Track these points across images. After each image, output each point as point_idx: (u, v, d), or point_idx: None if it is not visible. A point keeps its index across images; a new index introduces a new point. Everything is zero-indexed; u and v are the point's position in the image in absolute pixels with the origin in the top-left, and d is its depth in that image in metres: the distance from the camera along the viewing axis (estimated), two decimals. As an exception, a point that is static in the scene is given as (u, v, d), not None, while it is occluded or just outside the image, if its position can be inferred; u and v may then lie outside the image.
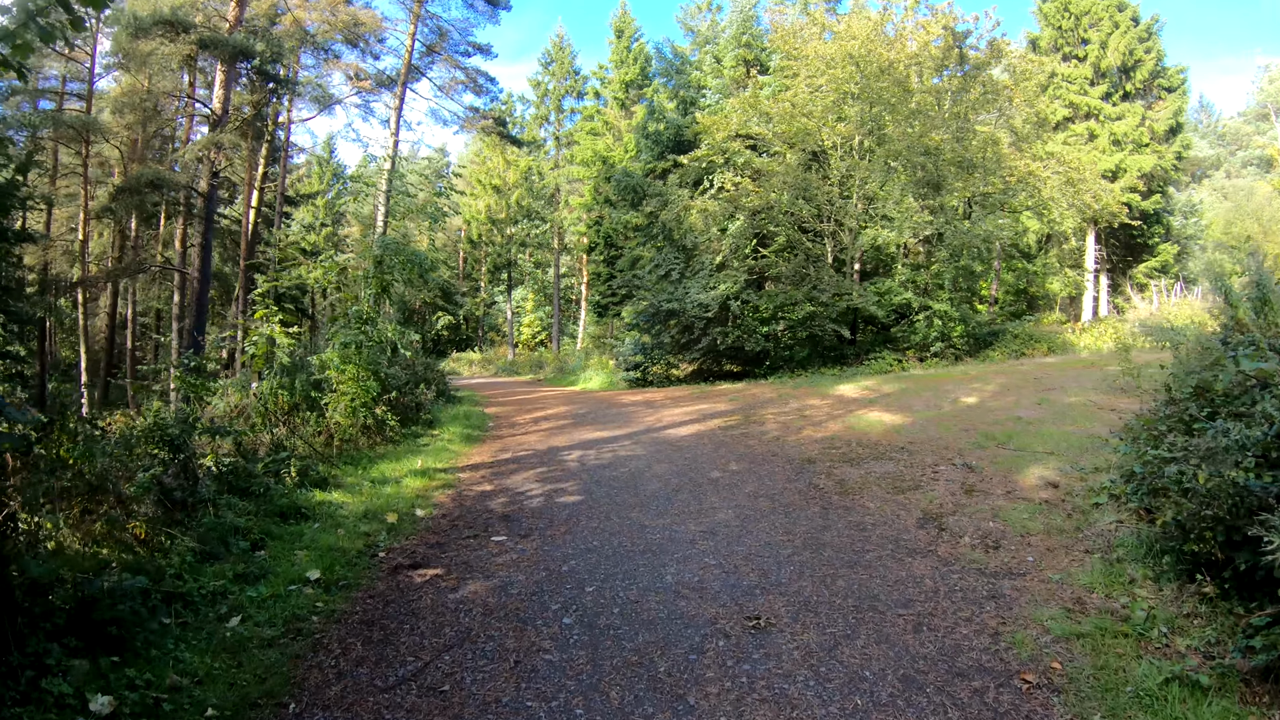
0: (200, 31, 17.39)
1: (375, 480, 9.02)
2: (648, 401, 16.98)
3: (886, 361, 20.06)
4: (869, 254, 23.04)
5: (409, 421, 13.50)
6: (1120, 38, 30.27)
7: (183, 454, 7.41)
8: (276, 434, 10.37)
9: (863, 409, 12.80)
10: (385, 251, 12.05)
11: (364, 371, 11.62)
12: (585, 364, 30.08)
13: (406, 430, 12.72)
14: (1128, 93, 31.03)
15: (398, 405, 13.40)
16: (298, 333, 12.01)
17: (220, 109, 19.55)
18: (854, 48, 21.20)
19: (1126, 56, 30.40)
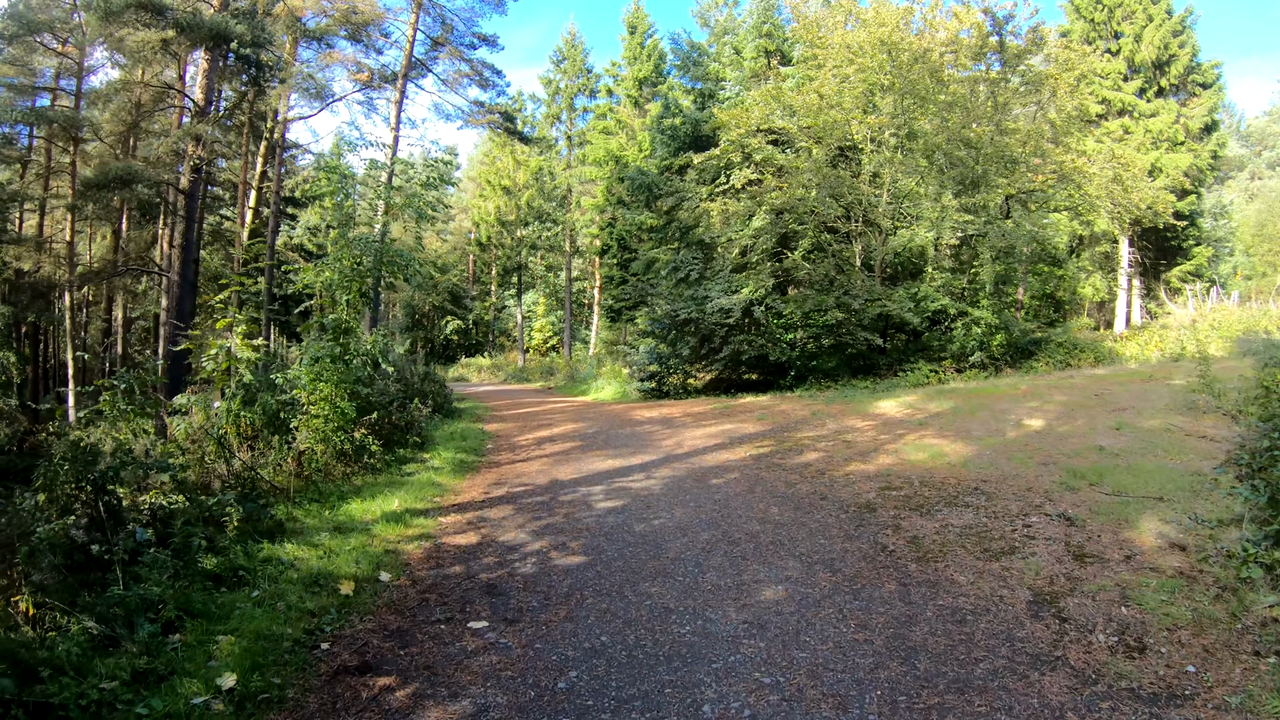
0: (176, 14, 15.89)
1: (340, 526, 7.44)
2: (665, 419, 15.31)
3: (922, 372, 18.41)
4: (899, 257, 21.37)
5: (396, 444, 11.95)
6: (1155, 31, 28.73)
7: (105, 497, 5.94)
8: (235, 465, 8.79)
9: (912, 433, 11.16)
10: (363, 251, 10.46)
11: (339, 391, 10.05)
12: (597, 372, 28.52)
13: (392, 455, 11.16)
14: (1162, 89, 29.50)
15: (382, 426, 11.86)
16: (264, 345, 10.43)
17: (204, 99, 18.09)
18: (885, 34, 19.57)
19: (1161, 51, 28.83)
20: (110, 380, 8.10)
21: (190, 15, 15.96)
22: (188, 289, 18.47)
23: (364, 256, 10.53)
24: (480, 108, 25.87)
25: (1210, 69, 29.74)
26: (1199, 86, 29.75)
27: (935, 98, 19.72)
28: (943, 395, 14.50)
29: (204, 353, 10.22)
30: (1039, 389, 14.18)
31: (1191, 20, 29.35)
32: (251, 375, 10.13)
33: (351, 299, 10.69)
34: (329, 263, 10.92)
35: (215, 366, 9.99)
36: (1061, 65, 20.63)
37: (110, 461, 6.24)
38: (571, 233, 46.36)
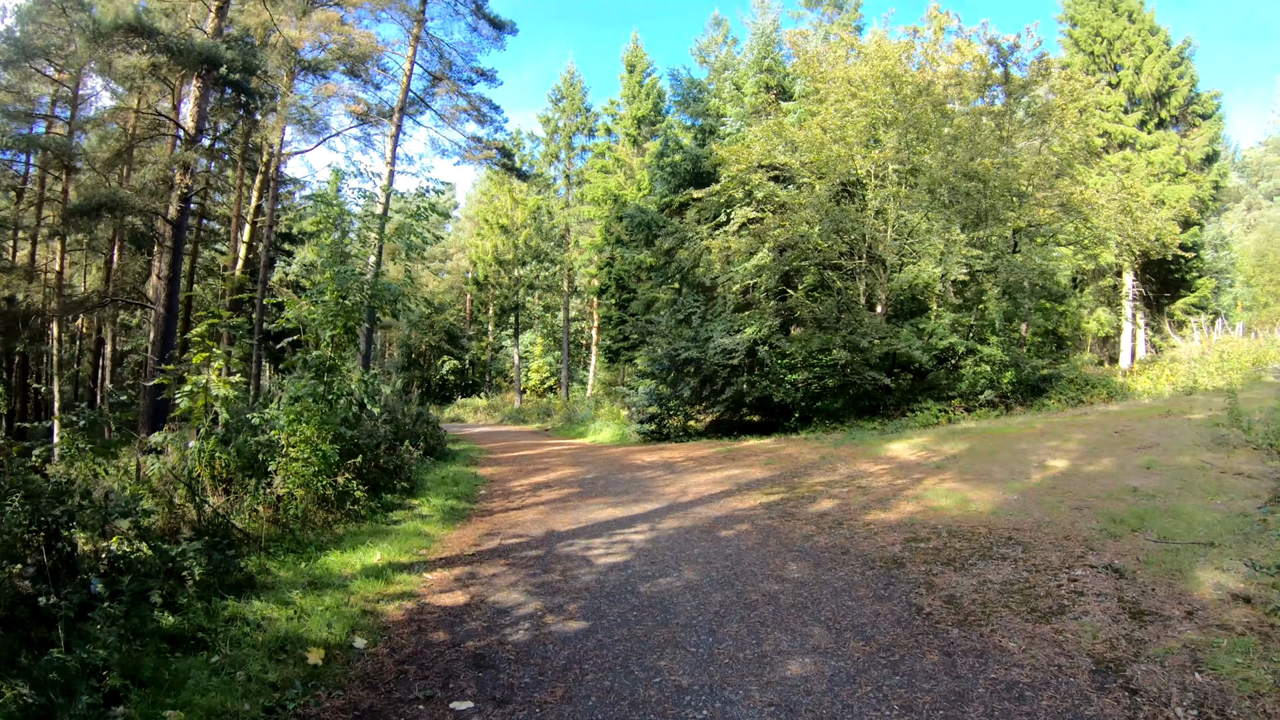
0: (167, 39, 15.47)
1: (316, 581, 6.79)
2: (667, 463, 14.63)
3: (931, 412, 17.81)
4: (904, 294, 20.86)
5: (384, 489, 11.29)
6: (1154, 62, 28.70)
7: (58, 543, 5.36)
8: (206, 510, 8.14)
9: (931, 478, 10.52)
10: (348, 285, 9.88)
11: (321, 433, 9.42)
12: (595, 413, 27.84)
13: (378, 501, 10.49)
14: (1162, 120, 29.41)
15: (368, 470, 11.20)
16: (242, 382, 9.81)
17: (194, 128, 17.64)
18: (889, 66, 19.26)
19: (1161, 82, 28.78)
20: (69, 416, 7.47)
21: (180, 40, 15.54)
22: (173, 322, 17.91)
23: (350, 291, 9.94)
24: (477, 143, 25.48)
25: (1209, 99, 29.66)
26: (1199, 117, 29.67)
27: (939, 131, 19.36)
28: (956, 436, 13.88)
29: (179, 389, 9.60)
30: (1055, 427, 13.60)
31: (1190, 51, 29.37)
32: (227, 414, 9.54)
33: (337, 335, 10.08)
34: (313, 296, 10.34)
35: (190, 404, 9.37)
36: (1067, 96, 20.29)
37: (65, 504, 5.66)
38: (569, 272, 45.96)
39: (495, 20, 25.00)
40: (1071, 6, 30.83)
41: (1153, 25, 29.39)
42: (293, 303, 10.29)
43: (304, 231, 46.08)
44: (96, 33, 15.32)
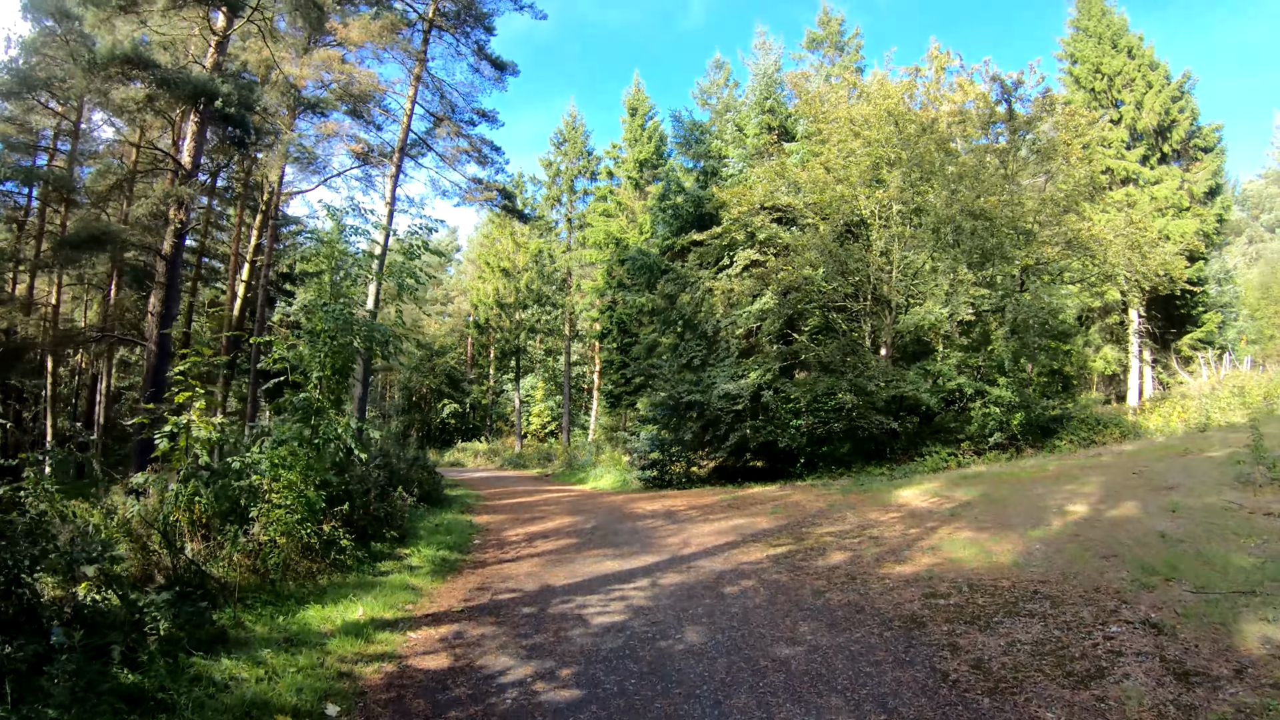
0: (162, 71, 15.28)
1: (292, 638, 6.34)
2: (669, 512, 14.09)
3: (940, 456, 17.31)
4: (910, 335, 20.46)
5: (373, 537, 10.80)
6: (1155, 97, 28.56)
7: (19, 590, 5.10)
8: (184, 557, 7.70)
9: (945, 526, 10.02)
10: (337, 323, 9.48)
11: (305, 478, 8.98)
12: (596, 459, 27.32)
13: (366, 551, 10.00)
14: (1165, 155, 29.21)
15: (357, 518, 10.73)
16: (225, 423, 9.37)
17: (190, 163, 17.41)
18: (892, 104, 19.08)
19: (1162, 117, 28.60)
20: (36, 454, 7.07)
21: (176, 73, 15.35)
22: (165, 359, 17.51)
23: (339, 330, 9.54)
24: (478, 185, 25.27)
25: (1211, 132, 29.49)
26: (1200, 150, 29.45)
27: (943, 170, 19.12)
28: (967, 481, 13.38)
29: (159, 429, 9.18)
30: (1070, 470, 13.16)
31: (1190, 85, 29.28)
32: (207, 456, 9.10)
33: (326, 377, 9.66)
34: (302, 335, 9.95)
35: (168, 445, 8.96)
36: (1071, 132, 20.05)
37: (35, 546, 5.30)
38: (571, 316, 45.64)
39: (497, 61, 24.95)
40: (1071, 44, 30.90)
41: (1152, 60, 29.36)
42: (281, 342, 9.87)
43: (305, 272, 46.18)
44: (92, 63, 15.16)
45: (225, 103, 15.45)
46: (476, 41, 24.77)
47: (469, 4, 24.17)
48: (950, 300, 18.49)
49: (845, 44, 28.90)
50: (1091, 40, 30.26)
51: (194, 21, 19.09)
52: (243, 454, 9.20)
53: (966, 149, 20.22)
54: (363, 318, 10.08)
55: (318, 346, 9.55)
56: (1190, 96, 29.29)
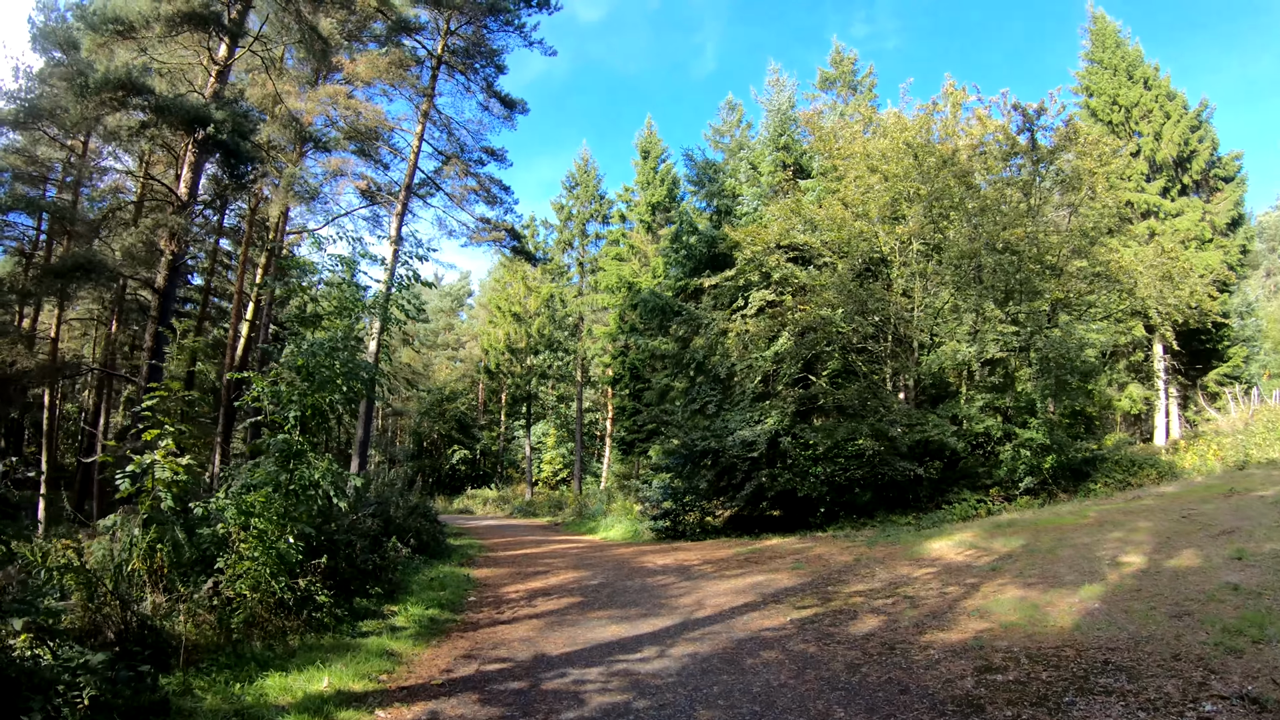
0: (156, 97, 14.75)
1: (243, 711, 5.53)
2: (681, 567, 13.02)
3: (969, 504, 16.29)
4: (934, 377, 19.50)
5: (357, 592, 9.87)
6: (1173, 128, 28.01)
7: None
8: (134, 611, 6.85)
9: (988, 583, 9.02)
10: (314, 358, 8.65)
11: (278, 527, 8.11)
12: (607, 507, 26.31)
13: (346, 608, 9.05)
14: (1184, 186, 28.64)
15: (343, 570, 9.82)
16: (193, 464, 8.50)
17: (187, 193, 16.84)
18: (910, 137, 18.37)
19: (1182, 147, 28.06)
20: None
21: (169, 99, 14.80)
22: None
23: (319, 366, 8.70)
24: (486, 224, 24.67)
25: (1231, 161, 28.99)
26: (1221, 181, 28.92)
27: (965, 204, 18.35)
28: (1003, 530, 12.35)
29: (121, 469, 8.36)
30: (1113, 516, 12.15)
31: (1207, 114, 28.78)
32: (172, 500, 8.25)
33: (306, 417, 8.82)
34: (280, 372, 9.14)
35: (129, 487, 8.14)
36: (1096, 161, 19.19)
37: None
38: (583, 362, 44.95)
39: (506, 99, 24.52)
40: (1086, 76, 30.42)
41: (1169, 90, 28.93)
42: (260, 379, 9.04)
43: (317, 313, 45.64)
44: (85, 87, 14.64)
45: (218, 129, 14.86)
46: (486, 78, 24.37)
47: (478, 40, 23.79)
48: (977, 338, 17.61)
49: (858, 83, 28.40)
50: (1106, 72, 29.86)
51: (194, 50, 18.75)
52: (205, 500, 8.33)
53: (987, 182, 19.47)
54: (348, 355, 9.24)
55: (295, 384, 8.72)
56: (1209, 126, 28.83)
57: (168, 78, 18.74)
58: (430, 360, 61.06)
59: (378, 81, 23.47)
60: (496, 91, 24.64)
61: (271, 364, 29.16)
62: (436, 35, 23.79)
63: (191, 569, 8.20)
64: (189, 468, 8.63)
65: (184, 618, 7.45)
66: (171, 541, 7.98)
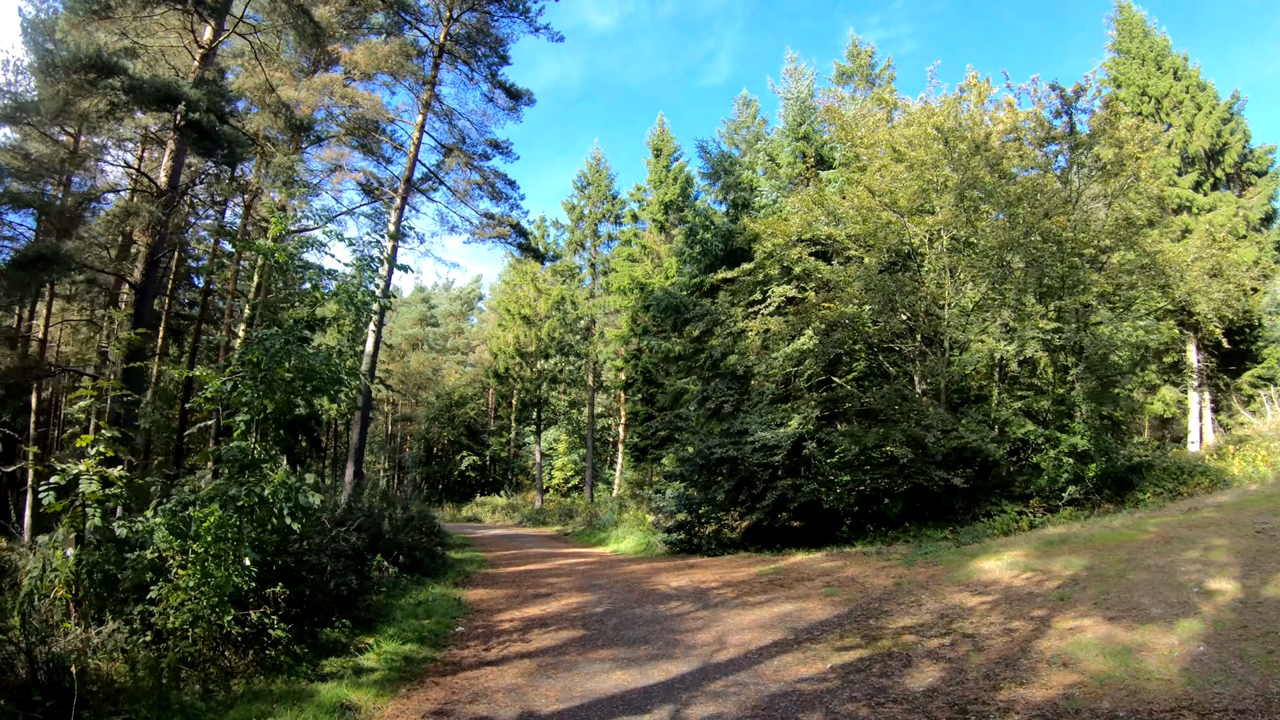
0: (127, 78, 13.57)
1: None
2: (697, 589, 11.58)
3: (1009, 516, 14.92)
4: (966, 378, 18.11)
5: (325, 622, 8.58)
6: (1205, 119, 26.82)
7: None
8: (63, 644, 5.71)
9: (1060, 616, 7.67)
10: (270, 355, 7.37)
11: (232, 549, 6.88)
12: (619, 517, 24.97)
13: (311, 642, 7.78)
14: (1217, 180, 27.41)
15: (313, 597, 8.57)
16: (130, 477, 7.26)
17: (166, 183, 15.67)
18: (939, 121, 17.01)
19: (1214, 139, 26.85)
20: None
21: (141, 77, 13.63)
22: (132, 401, 15.60)
23: (275, 362, 7.42)
24: (490, 220, 23.40)
25: (1264, 154, 27.66)
26: (1254, 174, 27.65)
27: (1000, 194, 16.97)
28: (1055, 547, 10.97)
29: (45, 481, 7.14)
30: (1175, 530, 10.85)
31: (1239, 106, 27.58)
32: (99, 518, 7.03)
33: (260, 422, 7.55)
34: (235, 370, 7.87)
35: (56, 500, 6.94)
36: (1138, 147, 17.69)
37: None
38: (595, 366, 43.67)
39: (511, 89, 23.32)
40: (1113, 67, 29.08)
41: (1200, 81, 27.78)
42: (212, 379, 7.77)
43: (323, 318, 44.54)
44: (52, 67, 13.48)
45: (191, 107, 13.64)
46: (490, 67, 23.15)
47: (482, 27, 22.59)
48: (1016, 336, 16.23)
49: (876, 76, 27.15)
50: (1135, 62, 28.59)
51: (179, 33, 17.62)
52: (129, 520, 7.08)
53: (1023, 169, 18.05)
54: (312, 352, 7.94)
55: (247, 384, 7.44)
56: (1241, 118, 27.64)
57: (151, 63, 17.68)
58: (440, 365, 59.89)
59: (378, 73, 22.33)
60: (501, 82, 23.45)
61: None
62: (439, 23, 22.64)
63: (128, 598, 7.01)
64: (129, 481, 7.42)
65: (113, 655, 6.31)
66: (99, 565, 6.78)
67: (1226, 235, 20.67)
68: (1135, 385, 24.84)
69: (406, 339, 60.88)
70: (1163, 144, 19.66)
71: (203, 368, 7.88)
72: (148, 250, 15.62)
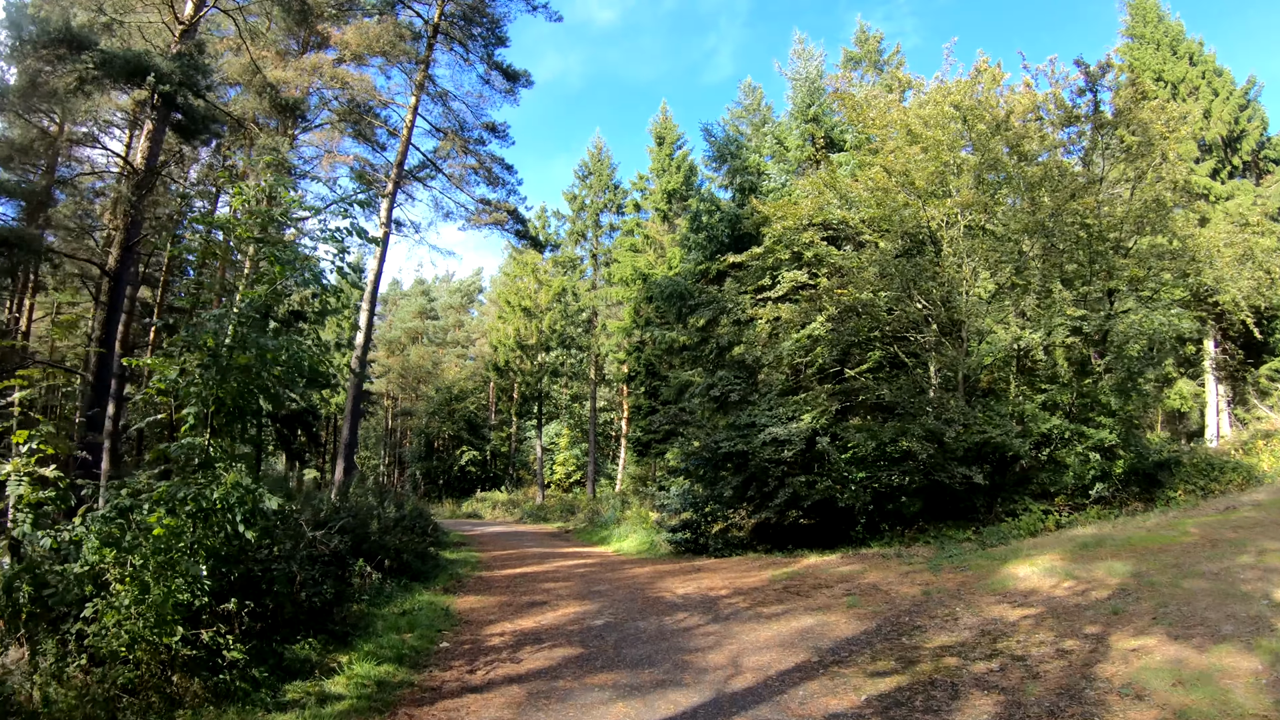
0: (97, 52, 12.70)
1: None
2: (705, 598, 10.62)
3: (1034, 515, 14.03)
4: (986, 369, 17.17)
5: (291, 638, 7.71)
6: (1222, 105, 26.33)
7: None
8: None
9: (1116, 633, 6.80)
10: (224, 339, 6.48)
11: (163, 561, 6.03)
12: (621, 514, 24.10)
13: (274, 663, 6.93)
14: (1234, 168, 27.02)
15: (271, 613, 7.70)
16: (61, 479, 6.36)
17: (143, 162, 14.80)
18: (957, 98, 16.07)
19: (1231, 126, 26.46)
20: None
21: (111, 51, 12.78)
22: (103, 392, 14.75)
23: (234, 345, 6.51)
24: (487, 206, 22.43)
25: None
26: (1271, 163, 27.28)
27: (1021, 173, 16.04)
28: (1091, 551, 10.07)
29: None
30: (1219, 532, 10.05)
31: (1255, 92, 27.23)
32: (30, 525, 6.17)
33: (210, 414, 6.66)
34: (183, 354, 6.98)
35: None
36: (1165, 126, 16.65)
37: None
38: (597, 359, 42.85)
39: (509, 71, 22.36)
40: (1127, 52, 28.36)
41: (1216, 66, 27.28)
42: (165, 363, 6.88)
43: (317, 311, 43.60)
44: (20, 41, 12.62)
45: (161, 80, 12.74)
46: (486, 48, 22.20)
47: (478, 5, 21.63)
48: (1042, 323, 15.32)
49: (885, 62, 26.17)
50: (1149, 47, 28.00)
51: (157, 8, 16.75)
52: (53, 529, 6.20)
53: (1042, 152, 17.10)
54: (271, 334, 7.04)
55: (197, 371, 6.55)
56: (1258, 105, 27.33)
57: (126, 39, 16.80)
58: (440, 358, 59.02)
59: (370, 56, 21.39)
60: (498, 63, 22.49)
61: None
62: (433, 1, 21.69)
63: (68, 615, 6.16)
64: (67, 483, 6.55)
65: (45, 679, 5.49)
66: (20, 579, 5.92)
67: (1261, 218, 19.73)
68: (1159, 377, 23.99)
69: (406, 332, 59.98)
70: (1189, 125, 18.68)
71: (154, 358, 6.93)
72: (122, 235, 14.75)
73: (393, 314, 65.21)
